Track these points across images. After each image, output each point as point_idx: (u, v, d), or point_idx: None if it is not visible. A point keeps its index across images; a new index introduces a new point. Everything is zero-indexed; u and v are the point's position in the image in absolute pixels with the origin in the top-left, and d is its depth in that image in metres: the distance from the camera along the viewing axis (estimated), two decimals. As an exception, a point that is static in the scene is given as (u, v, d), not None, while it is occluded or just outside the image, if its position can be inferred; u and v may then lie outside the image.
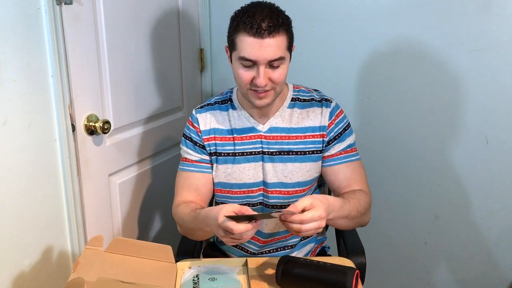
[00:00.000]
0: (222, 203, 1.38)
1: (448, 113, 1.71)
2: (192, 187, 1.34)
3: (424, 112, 1.74)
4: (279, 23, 1.13)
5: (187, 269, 1.17)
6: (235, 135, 1.32)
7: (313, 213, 1.03)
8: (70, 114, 1.32)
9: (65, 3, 1.25)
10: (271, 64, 1.16)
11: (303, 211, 1.04)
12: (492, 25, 1.58)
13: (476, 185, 1.74)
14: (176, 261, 1.18)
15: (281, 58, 1.16)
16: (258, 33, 1.12)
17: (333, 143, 1.31)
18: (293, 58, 1.84)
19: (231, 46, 1.20)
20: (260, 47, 1.13)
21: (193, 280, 1.11)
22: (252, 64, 1.16)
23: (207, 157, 1.34)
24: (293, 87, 1.35)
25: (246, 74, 1.18)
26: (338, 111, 1.32)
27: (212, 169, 1.34)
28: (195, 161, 1.34)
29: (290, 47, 1.20)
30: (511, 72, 1.60)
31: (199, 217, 1.18)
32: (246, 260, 1.21)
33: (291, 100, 1.32)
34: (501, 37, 1.58)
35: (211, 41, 1.99)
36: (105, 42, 1.43)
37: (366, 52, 1.76)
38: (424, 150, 1.78)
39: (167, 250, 1.16)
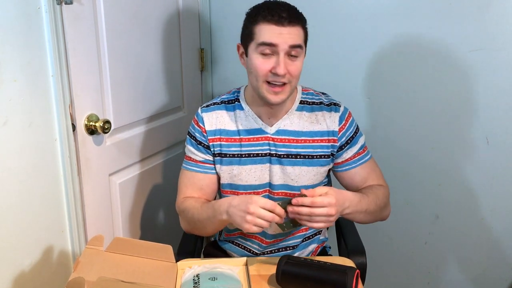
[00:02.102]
0: None
1: (449, 113, 1.71)
2: (196, 186, 1.34)
3: (425, 112, 1.74)
4: (297, 15, 1.18)
5: (187, 268, 1.17)
6: (242, 136, 1.31)
7: (323, 198, 1.07)
8: (70, 113, 1.32)
9: (66, 3, 1.25)
10: (290, 53, 1.17)
11: None
12: (492, 25, 1.58)
13: (477, 185, 1.74)
14: (177, 260, 1.18)
15: (299, 47, 1.18)
16: (279, 21, 1.15)
17: (346, 148, 1.31)
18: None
19: (248, 37, 1.20)
20: (280, 33, 1.15)
21: (194, 279, 1.11)
22: (271, 52, 1.17)
23: (210, 158, 1.33)
24: (302, 90, 1.35)
25: (264, 64, 1.18)
26: (347, 115, 1.32)
27: (215, 170, 1.34)
28: (199, 161, 1.34)
29: (305, 43, 1.22)
30: (511, 72, 1.60)
31: (215, 204, 1.20)
32: (247, 260, 1.21)
33: (300, 103, 1.32)
34: (501, 37, 1.58)
35: (212, 41, 1.99)
36: (106, 41, 1.43)
37: (367, 52, 1.76)
38: (424, 150, 1.78)
39: (168, 250, 1.16)
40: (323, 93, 1.37)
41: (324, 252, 1.48)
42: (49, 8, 1.22)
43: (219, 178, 1.36)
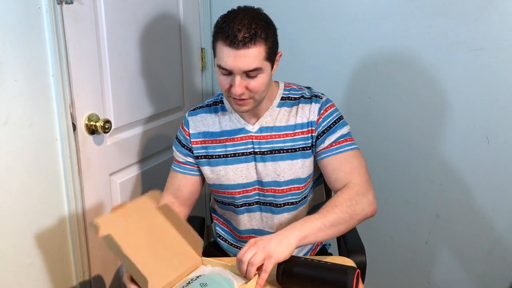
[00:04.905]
0: (220, 201, 1.41)
1: (449, 113, 1.71)
2: (174, 186, 1.39)
3: (425, 112, 1.74)
4: (256, 34, 1.12)
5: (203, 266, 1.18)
6: (226, 137, 1.33)
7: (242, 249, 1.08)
8: (71, 113, 1.32)
9: (66, 3, 1.25)
10: (248, 74, 1.16)
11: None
12: (493, 24, 1.58)
13: (477, 184, 1.74)
14: None
15: (257, 69, 1.15)
16: (233, 43, 1.11)
17: (323, 137, 1.28)
18: (294, 57, 1.85)
19: (213, 51, 1.21)
20: (234, 57, 1.13)
21: (189, 281, 1.10)
22: (229, 72, 1.16)
23: (192, 160, 1.37)
24: (284, 86, 1.35)
25: (225, 82, 1.19)
26: (327, 105, 1.30)
27: (198, 172, 1.38)
28: (181, 162, 1.39)
29: (271, 57, 1.18)
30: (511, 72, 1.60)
31: None
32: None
33: (281, 99, 1.32)
34: (502, 36, 1.58)
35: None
36: (106, 41, 1.43)
37: (367, 51, 1.76)
38: (425, 150, 1.78)
39: (198, 242, 1.18)
40: (307, 87, 1.37)
41: (324, 250, 1.48)
42: (49, 7, 1.22)
43: (201, 181, 1.40)
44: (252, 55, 1.13)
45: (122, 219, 1.11)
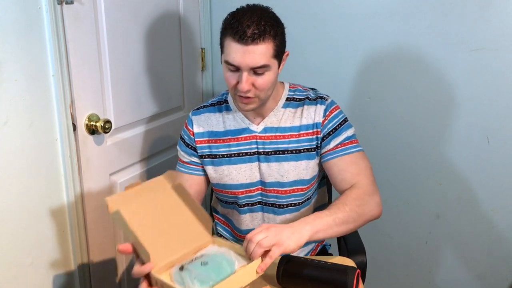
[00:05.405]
0: (224, 201, 1.41)
1: (449, 113, 1.71)
2: None
3: (425, 112, 1.74)
4: (265, 31, 1.13)
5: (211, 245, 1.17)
6: (230, 137, 1.33)
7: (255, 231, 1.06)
8: (71, 113, 1.32)
9: (66, 3, 1.25)
10: (255, 71, 1.16)
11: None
12: (493, 24, 1.58)
13: (477, 184, 1.74)
14: None
15: (264, 66, 1.15)
16: (242, 39, 1.12)
17: (329, 138, 1.28)
18: (294, 57, 1.84)
19: (221, 48, 1.21)
20: (243, 53, 1.13)
21: (193, 259, 1.10)
22: (236, 69, 1.17)
23: (196, 160, 1.37)
24: (289, 87, 1.35)
25: (231, 78, 1.19)
26: (333, 107, 1.30)
27: (203, 172, 1.37)
28: (186, 162, 1.38)
29: (278, 55, 1.19)
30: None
31: None
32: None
33: (286, 100, 1.32)
34: (502, 36, 1.58)
35: (212, 40, 1.99)
36: (106, 41, 1.43)
37: (367, 51, 1.76)
38: (425, 150, 1.78)
39: (208, 221, 1.17)
40: (312, 89, 1.37)
41: (324, 250, 1.49)
42: (49, 8, 1.22)
43: (206, 181, 1.39)
44: (260, 52, 1.14)
45: (135, 197, 1.10)
